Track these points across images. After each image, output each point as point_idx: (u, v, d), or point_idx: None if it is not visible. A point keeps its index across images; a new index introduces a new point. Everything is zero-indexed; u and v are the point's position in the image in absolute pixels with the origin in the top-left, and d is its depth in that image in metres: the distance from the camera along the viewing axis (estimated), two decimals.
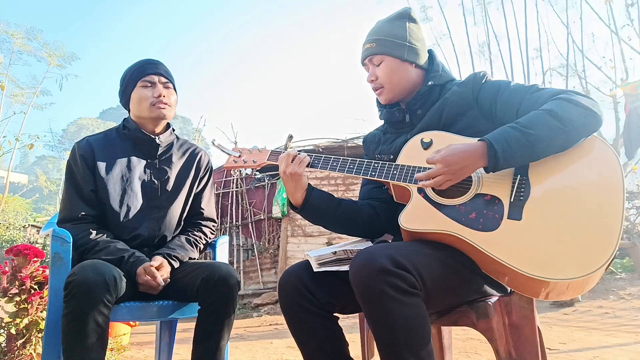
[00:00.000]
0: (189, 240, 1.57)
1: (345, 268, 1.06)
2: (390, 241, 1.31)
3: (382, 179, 1.19)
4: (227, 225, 6.90)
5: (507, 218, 1.02)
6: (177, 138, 1.69)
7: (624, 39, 7.50)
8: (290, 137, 6.50)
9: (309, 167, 1.26)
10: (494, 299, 1.06)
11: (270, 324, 4.69)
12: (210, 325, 1.33)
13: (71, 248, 1.37)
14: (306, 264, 1.17)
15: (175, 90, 1.61)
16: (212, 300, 1.33)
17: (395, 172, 1.18)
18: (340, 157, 1.26)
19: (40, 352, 1.63)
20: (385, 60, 1.27)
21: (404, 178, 1.16)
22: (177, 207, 1.59)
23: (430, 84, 1.27)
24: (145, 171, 1.57)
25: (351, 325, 1.96)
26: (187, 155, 1.67)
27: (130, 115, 1.60)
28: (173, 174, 1.60)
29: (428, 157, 1.07)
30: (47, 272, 1.86)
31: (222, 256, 1.71)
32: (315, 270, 1.12)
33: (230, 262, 6.51)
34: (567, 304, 4.50)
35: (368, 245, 1.15)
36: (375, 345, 0.96)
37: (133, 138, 1.57)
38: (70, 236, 1.37)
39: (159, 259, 1.43)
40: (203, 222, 1.67)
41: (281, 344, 3.29)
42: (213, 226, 1.71)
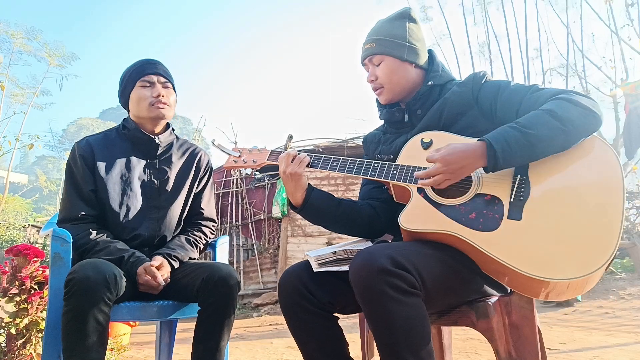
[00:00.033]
0: (189, 240, 1.57)
1: (345, 268, 1.06)
2: (390, 241, 1.31)
3: (382, 179, 1.19)
4: (227, 225, 6.90)
5: (507, 218, 1.02)
6: (176, 138, 1.69)
7: (624, 39, 7.52)
8: (290, 137, 6.50)
9: (309, 167, 1.26)
10: (494, 299, 1.06)
11: (270, 324, 4.69)
12: (210, 326, 1.33)
13: (71, 248, 1.37)
14: (306, 264, 1.17)
15: (174, 90, 1.61)
16: (212, 300, 1.33)
17: (395, 172, 1.18)
18: (340, 157, 1.26)
19: (40, 352, 1.63)
20: (385, 60, 1.27)
21: (404, 178, 1.16)
22: (177, 207, 1.59)
23: (430, 84, 1.27)
24: (145, 171, 1.57)
25: (351, 325, 1.96)
26: (186, 155, 1.67)
27: (129, 115, 1.60)
28: (173, 174, 1.60)
29: (428, 155, 1.07)
30: (47, 272, 1.86)
31: (222, 256, 1.70)
32: (315, 270, 1.11)
33: (230, 262, 6.51)
34: (566, 304, 4.50)
35: (368, 245, 1.14)
36: (375, 345, 0.96)
37: (133, 138, 1.57)
38: (70, 236, 1.37)
39: (159, 259, 1.43)
40: (203, 222, 1.66)
41: (281, 344, 3.29)
42: (213, 226, 1.71)
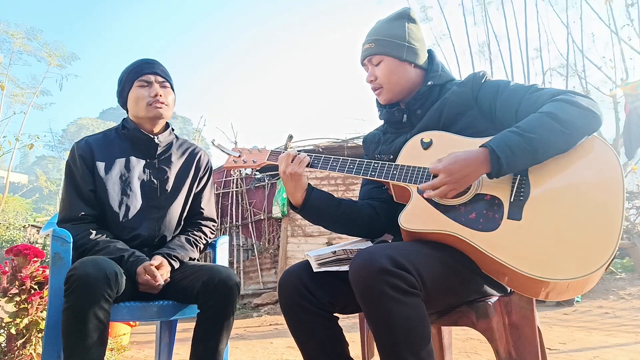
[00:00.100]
0: (189, 240, 1.57)
1: (345, 268, 1.06)
2: (390, 241, 1.31)
3: (382, 179, 1.19)
4: (227, 225, 6.90)
5: (507, 218, 1.02)
6: (176, 138, 1.69)
7: (624, 39, 7.51)
8: (290, 137, 6.50)
9: (309, 167, 1.26)
10: (494, 299, 1.06)
11: (270, 324, 4.69)
12: (210, 328, 1.33)
13: (71, 248, 1.37)
14: (306, 264, 1.17)
15: (172, 90, 1.60)
16: (211, 303, 1.32)
17: (395, 172, 1.17)
18: (340, 157, 1.26)
19: (40, 352, 1.63)
20: (384, 61, 1.27)
21: (404, 178, 1.16)
22: (177, 207, 1.59)
23: (429, 83, 1.27)
24: (144, 171, 1.56)
25: (351, 325, 1.96)
26: (186, 154, 1.67)
27: (128, 115, 1.60)
28: (172, 173, 1.60)
29: (430, 167, 1.07)
30: (47, 272, 1.86)
31: (222, 256, 1.70)
32: (315, 270, 1.11)
33: (230, 262, 6.51)
34: (566, 303, 4.50)
35: (368, 245, 1.15)
36: (375, 345, 0.96)
37: (132, 138, 1.57)
38: (70, 236, 1.37)
39: (159, 259, 1.42)
40: (203, 222, 1.66)
41: (281, 344, 3.28)
42: (213, 226, 1.70)
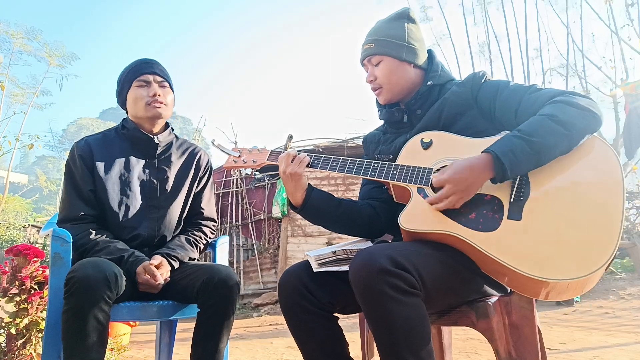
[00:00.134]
0: (188, 240, 1.57)
1: (345, 268, 1.06)
2: (390, 241, 1.31)
3: (382, 179, 1.19)
4: (227, 225, 6.90)
5: (507, 218, 1.01)
6: (176, 138, 1.69)
7: (624, 39, 7.51)
8: (290, 137, 6.50)
9: (309, 167, 1.26)
10: (494, 299, 1.06)
11: (270, 324, 4.69)
12: (210, 328, 1.33)
13: (71, 248, 1.37)
14: (306, 264, 1.17)
15: (172, 89, 1.60)
16: (211, 302, 1.32)
17: (395, 172, 1.17)
18: (340, 157, 1.25)
19: (40, 352, 1.63)
20: (384, 61, 1.27)
21: (404, 178, 1.16)
22: (177, 207, 1.59)
23: (429, 83, 1.27)
24: (144, 171, 1.56)
25: (351, 325, 1.96)
26: (186, 154, 1.67)
27: (128, 115, 1.60)
28: (172, 173, 1.60)
29: (434, 180, 1.06)
30: (47, 272, 1.86)
31: (222, 256, 1.70)
32: (315, 270, 1.11)
33: (230, 262, 6.51)
34: (566, 303, 4.50)
35: (368, 245, 1.14)
36: (375, 345, 0.96)
37: (132, 138, 1.57)
38: (70, 236, 1.37)
39: (159, 258, 1.42)
40: (203, 222, 1.66)
41: (281, 344, 3.29)
42: (213, 226, 1.70)
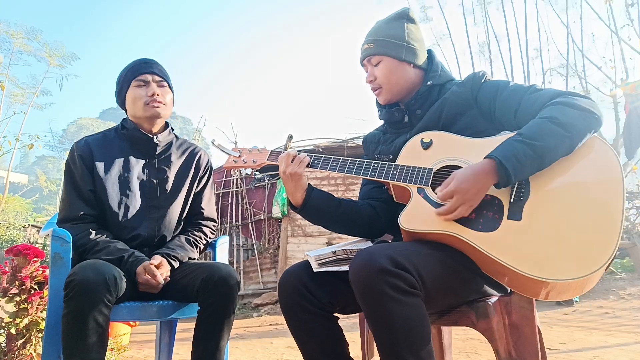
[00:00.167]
0: (188, 240, 1.57)
1: (345, 268, 1.06)
2: (390, 241, 1.31)
3: (382, 179, 1.19)
4: (227, 225, 6.90)
5: (507, 218, 1.01)
6: (176, 137, 1.69)
7: (624, 39, 7.51)
8: (290, 137, 6.50)
9: (309, 167, 1.26)
10: (494, 299, 1.06)
11: (270, 324, 4.69)
12: (210, 326, 1.33)
13: (71, 248, 1.37)
14: (306, 264, 1.17)
15: (171, 89, 1.60)
16: (212, 300, 1.32)
17: (395, 172, 1.18)
18: (340, 157, 1.26)
19: (40, 352, 1.63)
20: (384, 61, 1.27)
21: (404, 178, 1.16)
22: (177, 207, 1.59)
23: (429, 83, 1.27)
24: (143, 171, 1.56)
25: (351, 325, 1.96)
26: (186, 154, 1.67)
27: (127, 115, 1.60)
28: (172, 173, 1.60)
29: (440, 194, 1.05)
30: (47, 272, 1.86)
31: (222, 256, 1.70)
32: (315, 270, 1.11)
33: (230, 262, 6.51)
34: (566, 303, 4.50)
35: (368, 245, 1.14)
36: (375, 345, 0.96)
37: (131, 138, 1.57)
38: (70, 236, 1.37)
39: (159, 258, 1.43)
40: (203, 222, 1.66)
41: (281, 344, 3.29)
42: (213, 226, 1.70)
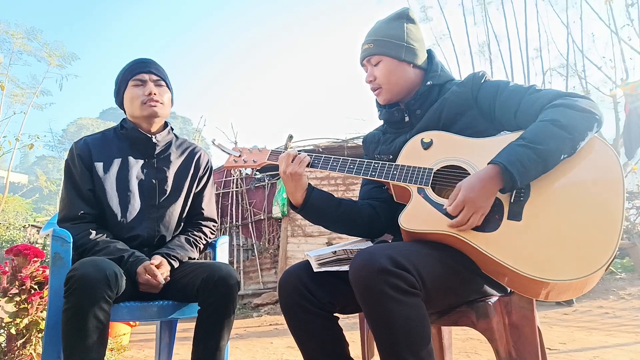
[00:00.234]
0: (188, 240, 1.57)
1: (345, 268, 1.06)
2: (390, 241, 1.31)
3: (382, 179, 1.19)
4: (227, 225, 6.90)
5: (507, 219, 1.02)
6: (175, 137, 1.69)
7: (624, 39, 7.51)
8: (290, 137, 6.50)
9: (309, 167, 1.26)
10: (494, 299, 1.06)
11: (270, 324, 4.69)
12: (210, 326, 1.33)
13: (71, 248, 1.37)
14: (306, 264, 1.17)
15: (169, 88, 1.60)
16: (212, 300, 1.32)
17: (395, 172, 1.18)
18: (340, 157, 1.26)
19: (40, 352, 1.63)
20: (383, 61, 1.27)
21: (404, 178, 1.16)
22: (176, 207, 1.59)
23: (429, 83, 1.27)
24: (142, 171, 1.56)
25: (351, 325, 1.96)
26: (185, 154, 1.66)
27: (126, 115, 1.60)
28: (171, 173, 1.60)
29: (450, 208, 1.03)
30: (47, 272, 1.86)
31: (222, 256, 1.70)
32: (315, 270, 1.11)
33: (230, 262, 6.51)
34: (566, 303, 4.50)
35: (368, 245, 1.14)
36: (375, 345, 0.96)
37: (130, 137, 1.57)
38: (70, 236, 1.37)
39: (159, 258, 1.43)
40: (203, 222, 1.66)
41: (281, 344, 3.29)
42: (213, 226, 1.70)
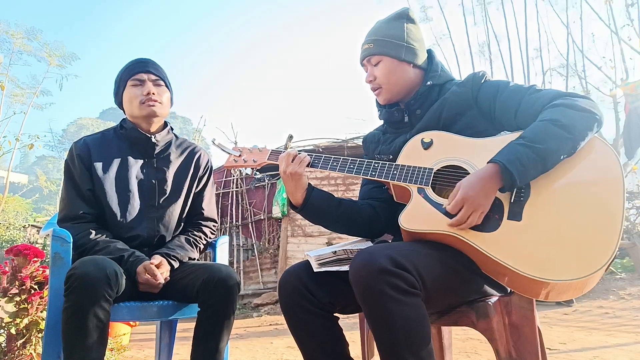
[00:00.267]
0: (188, 241, 1.57)
1: (345, 268, 1.06)
2: (390, 241, 1.31)
3: (382, 179, 1.19)
4: (227, 225, 6.90)
5: (507, 219, 1.02)
6: (175, 137, 1.69)
7: (624, 39, 7.51)
8: (290, 137, 6.49)
9: (309, 166, 1.26)
10: (494, 299, 1.06)
11: (270, 324, 4.69)
12: (210, 327, 1.33)
13: (71, 248, 1.37)
14: (306, 264, 1.17)
15: (168, 88, 1.60)
16: (212, 302, 1.32)
17: (395, 172, 1.17)
18: (340, 157, 1.25)
19: (40, 352, 1.62)
20: (383, 61, 1.27)
21: (404, 178, 1.16)
22: (176, 207, 1.59)
23: (429, 83, 1.27)
24: (142, 170, 1.56)
25: (351, 325, 1.96)
26: (185, 154, 1.66)
27: (126, 115, 1.60)
28: (171, 173, 1.60)
29: (449, 207, 1.03)
30: (47, 272, 1.86)
31: (222, 256, 1.70)
32: (315, 270, 1.11)
33: (230, 262, 6.51)
34: (566, 303, 4.50)
35: (368, 245, 1.14)
36: (375, 345, 0.96)
37: (130, 137, 1.57)
38: (70, 236, 1.37)
39: (159, 258, 1.43)
40: (203, 222, 1.66)
41: (281, 344, 3.29)
42: (213, 226, 1.70)
